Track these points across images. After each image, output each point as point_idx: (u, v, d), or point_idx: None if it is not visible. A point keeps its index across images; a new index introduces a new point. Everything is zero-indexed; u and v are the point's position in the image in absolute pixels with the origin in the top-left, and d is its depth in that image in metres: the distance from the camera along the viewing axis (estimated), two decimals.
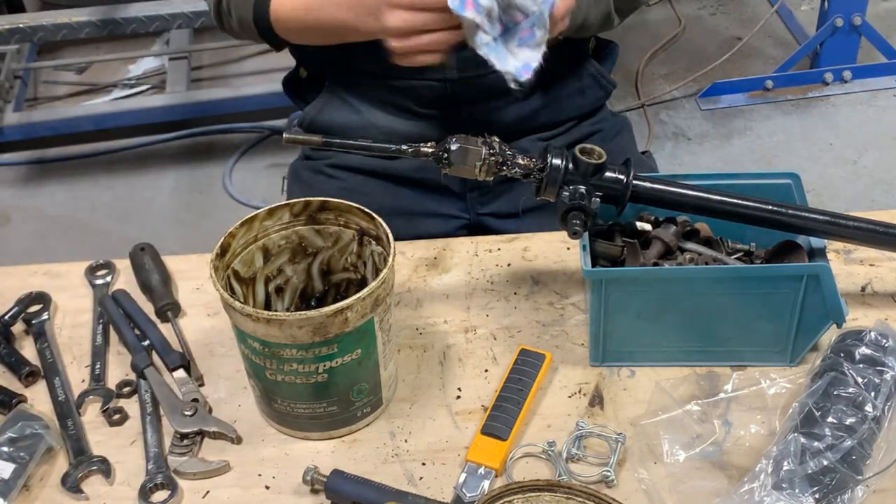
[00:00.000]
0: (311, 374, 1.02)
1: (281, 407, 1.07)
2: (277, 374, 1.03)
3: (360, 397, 1.08)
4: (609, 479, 1.02)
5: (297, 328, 0.98)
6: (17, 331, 1.27)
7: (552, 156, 1.10)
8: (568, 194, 1.09)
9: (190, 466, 1.08)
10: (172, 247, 2.67)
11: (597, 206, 1.10)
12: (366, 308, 1.00)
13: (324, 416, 1.07)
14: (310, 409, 1.06)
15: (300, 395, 1.05)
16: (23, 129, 3.18)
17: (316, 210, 1.13)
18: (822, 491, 0.92)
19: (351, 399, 1.07)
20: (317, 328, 0.98)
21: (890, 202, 2.87)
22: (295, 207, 1.13)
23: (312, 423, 1.08)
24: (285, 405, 1.07)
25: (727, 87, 3.35)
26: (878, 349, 1.04)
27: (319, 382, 1.04)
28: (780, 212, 1.12)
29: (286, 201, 1.13)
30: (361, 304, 0.99)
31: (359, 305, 0.99)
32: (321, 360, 1.02)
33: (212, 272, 1.04)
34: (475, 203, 1.51)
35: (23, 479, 1.06)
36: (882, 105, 3.27)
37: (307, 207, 1.13)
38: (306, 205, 1.13)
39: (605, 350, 1.15)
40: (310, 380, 1.03)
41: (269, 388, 1.06)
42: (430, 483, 1.05)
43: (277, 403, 1.07)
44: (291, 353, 1.00)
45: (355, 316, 1.00)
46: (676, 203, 1.14)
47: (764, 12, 3.52)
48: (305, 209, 1.13)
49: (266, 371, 1.04)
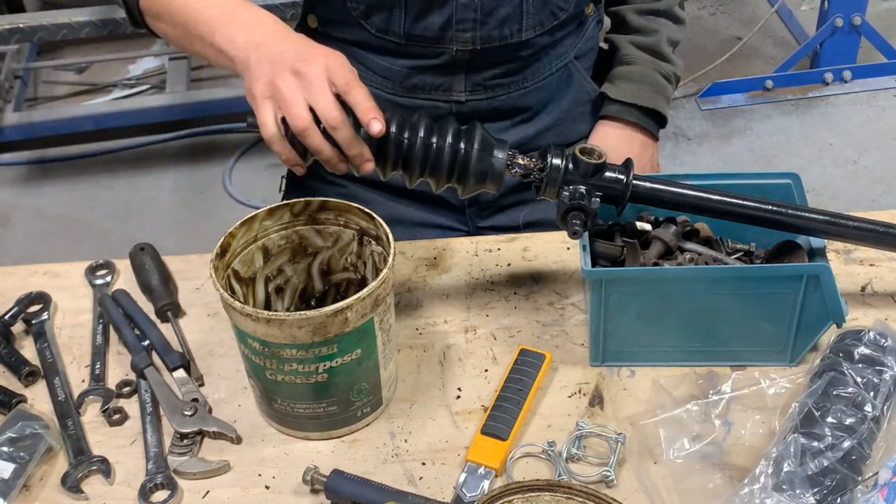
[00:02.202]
0: (311, 374, 1.02)
1: (281, 407, 1.07)
2: (277, 374, 1.03)
3: (360, 397, 1.08)
4: (609, 479, 1.02)
5: (297, 328, 0.98)
6: (17, 331, 1.27)
7: (552, 155, 1.10)
8: (568, 194, 1.09)
9: (190, 466, 1.08)
10: (172, 247, 2.67)
11: (597, 206, 1.09)
12: (366, 308, 1.00)
13: (324, 416, 1.07)
14: (310, 409, 1.06)
15: (300, 395, 1.05)
16: (23, 129, 3.18)
17: (316, 210, 1.13)
18: (822, 492, 0.92)
19: (351, 399, 1.07)
20: (317, 328, 0.98)
21: (890, 202, 2.87)
22: (295, 207, 1.13)
23: (312, 423, 1.08)
24: (285, 405, 1.07)
25: (727, 87, 3.35)
26: (878, 349, 1.04)
27: (319, 382, 1.04)
28: (779, 211, 1.12)
29: (286, 201, 1.13)
30: (361, 304, 0.99)
31: (359, 305, 0.99)
32: (321, 360, 1.01)
33: (212, 272, 1.04)
34: (474, 216, 1.51)
35: (23, 479, 1.06)
36: (882, 105, 3.27)
37: (307, 207, 1.13)
38: (306, 204, 1.13)
39: (605, 350, 1.15)
40: (310, 380, 1.03)
41: (269, 388, 1.06)
42: (430, 483, 1.05)
43: (277, 403, 1.07)
44: (291, 353, 1.00)
45: (355, 316, 1.00)
46: (676, 203, 1.14)
47: (764, 12, 3.52)
48: (306, 209, 1.13)
49: (266, 371, 1.04)
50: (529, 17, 1.34)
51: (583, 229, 1.08)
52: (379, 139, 1.04)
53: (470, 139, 1.08)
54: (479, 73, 1.37)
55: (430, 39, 1.33)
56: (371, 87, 1.40)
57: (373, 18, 1.33)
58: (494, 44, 1.34)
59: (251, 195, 3.07)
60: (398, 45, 1.34)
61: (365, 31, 1.35)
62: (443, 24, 1.31)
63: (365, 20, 1.34)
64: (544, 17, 1.35)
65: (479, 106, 1.40)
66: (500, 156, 1.09)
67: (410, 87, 1.38)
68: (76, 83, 3.67)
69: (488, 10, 1.31)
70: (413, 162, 1.07)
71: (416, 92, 1.39)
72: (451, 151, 1.07)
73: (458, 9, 1.30)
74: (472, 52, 1.34)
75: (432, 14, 1.31)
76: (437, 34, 1.32)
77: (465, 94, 1.38)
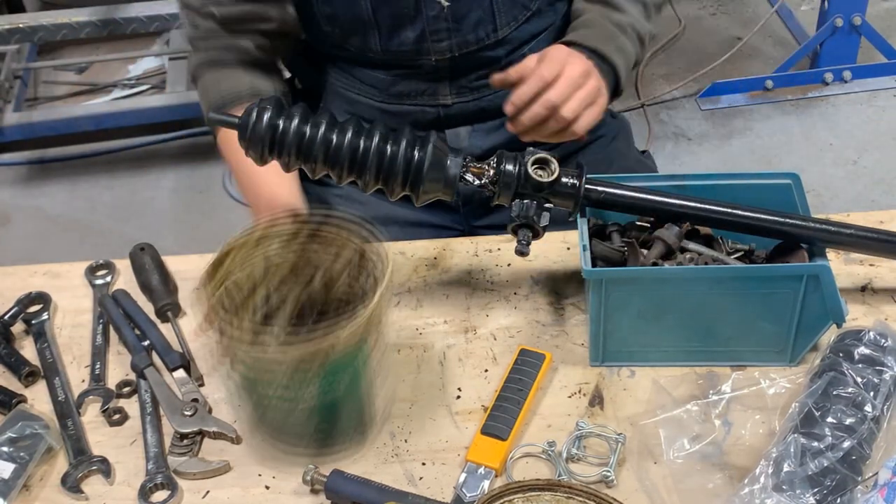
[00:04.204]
0: (296, 400, 1.00)
1: (271, 427, 1.06)
2: (268, 390, 1.01)
3: (347, 425, 1.06)
4: (609, 478, 1.02)
5: (280, 354, 0.95)
6: (17, 331, 1.27)
7: (505, 161, 1.09)
8: (517, 210, 1.09)
9: (190, 466, 1.08)
10: (172, 247, 2.66)
11: (546, 223, 1.10)
12: (353, 338, 0.97)
13: (313, 436, 1.05)
14: (299, 428, 1.04)
15: (290, 415, 1.03)
16: (23, 129, 3.18)
17: (318, 225, 1.11)
18: (822, 492, 0.92)
19: (342, 419, 1.05)
20: (301, 356, 0.96)
21: (890, 202, 2.86)
22: (297, 221, 1.11)
23: (302, 442, 1.06)
24: (275, 425, 1.05)
25: (727, 87, 3.35)
26: (878, 349, 1.04)
27: (304, 409, 1.01)
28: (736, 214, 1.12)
29: (287, 214, 1.11)
30: (349, 333, 0.96)
31: (351, 327, 0.96)
32: (305, 387, 0.99)
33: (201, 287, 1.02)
34: (469, 215, 1.51)
35: (23, 479, 1.06)
36: (882, 105, 3.27)
37: (309, 221, 1.11)
38: (308, 219, 1.10)
39: (605, 350, 1.15)
40: (294, 405, 1.01)
41: (258, 407, 1.05)
42: (430, 483, 1.05)
43: (267, 423, 1.06)
44: (275, 378, 0.98)
45: (349, 337, 0.97)
46: (631, 207, 1.14)
47: (764, 12, 3.51)
48: (307, 223, 1.11)
49: (258, 386, 1.02)
50: (502, 14, 1.33)
51: (528, 246, 1.09)
52: (334, 146, 1.05)
53: (424, 146, 1.08)
54: (464, 77, 1.38)
55: (407, 53, 1.34)
56: (358, 96, 1.41)
57: (350, 40, 1.36)
58: (472, 48, 1.34)
59: None
60: (379, 59, 1.36)
61: (346, 50, 1.37)
62: (417, 38, 1.32)
63: (343, 43, 1.36)
64: (517, 11, 1.34)
65: (466, 108, 1.40)
66: (454, 161, 1.09)
67: (397, 95, 1.39)
68: (76, 83, 3.66)
69: (459, 16, 1.31)
70: (367, 168, 1.07)
71: (403, 99, 1.39)
72: (404, 158, 1.07)
73: (429, 21, 1.31)
74: (452, 59, 1.35)
75: (404, 30, 1.32)
76: (414, 47, 1.33)
77: (451, 98, 1.39)
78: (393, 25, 1.32)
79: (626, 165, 1.52)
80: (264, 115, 1.05)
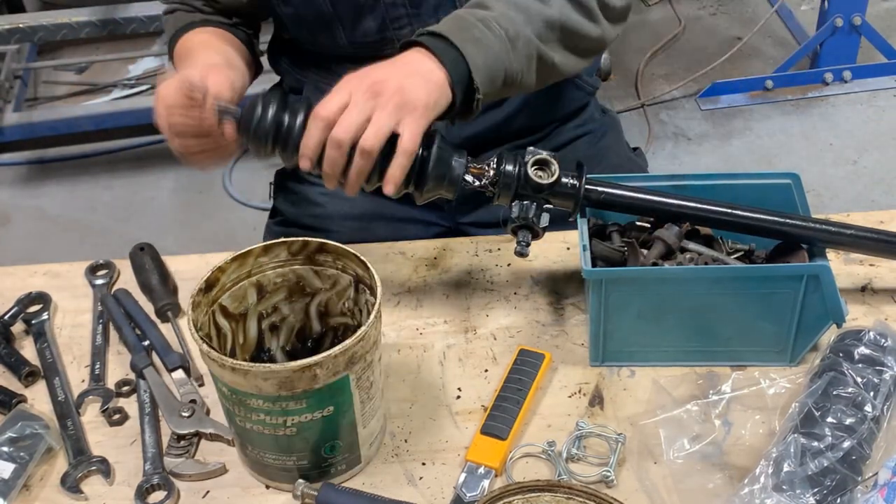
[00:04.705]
0: (279, 426, 0.98)
1: (252, 454, 1.04)
2: (246, 422, 0.99)
3: (333, 454, 1.03)
4: (609, 479, 1.02)
5: (262, 380, 0.93)
6: (17, 331, 1.27)
7: (506, 162, 1.09)
8: (516, 211, 1.09)
9: (186, 468, 1.07)
10: (172, 247, 2.67)
11: (546, 224, 1.09)
12: (338, 366, 0.95)
13: (293, 470, 1.03)
14: (279, 460, 1.02)
15: (269, 445, 1.01)
16: (23, 129, 3.18)
17: (314, 251, 1.09)
18: (822, 492, 0.92)
19: (323, 455, 1.02)
20: (283, 382, 0.93)
21: (890, 202, 2.87)
22: (293, 246, 1.09)
23: (283, 474, 1.04)
24: (255, 453, 1.03)
25: (727, 87, 3.35)
26: (878, 349, 1.04)
27: (287, 435, 0.99)
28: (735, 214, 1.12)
29: (283, 239, 1.09)
30: (333, 361, 0.94)
31: (329, 363, 0.94)
32: (288, 414, 0.97)
33: (190, 308, 1.00)
34: (455, 212, 1.50)
35: (23, 479, 1.06)
36: (882, 105, 3.27)
37: (305, 248, 1.09)
38: (304, 245, 1.08)
39: (605, 350, 1.15)
40: (277, 432, 0.99)
41: (239, 433, 1.03)
42: (430, 483, 1.05)
43: (248, 450, 1.04)
44: (258, 404, 0.96)
45: (326, 373, 0.94)
46: (630, 207, 1.14)
47: (764, 12, 3.51)
48: (303, 249, 1.09)
49: (236, 417, 1.00)
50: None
51: (528, 247, 1.09)
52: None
53: (428, 145, 1.07)
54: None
55: (372, 43, 1.34)
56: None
57: (318, 38, 1.37)
58: None
59: (251, 195, 3.07)
60: (350, 52, 1.36)
61: (319, 47, 1.39)
62: (379, 27, 1.32)
63: (314, 40, 1.38)
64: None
65: None
66: (459, 161, 1.08)
67: None
68: (76, 83, 3.66)
69: (417, 2, 1.30)
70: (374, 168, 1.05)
71: None
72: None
73: (388, 8, 1.31)
74: None
75: (366, 20, 1.32)
76: (377, 37, 1.33)
77: None
78: (355, 17, 1.32)
79: (616, 162, 1.52)
80: (269, 109, 1.05)
